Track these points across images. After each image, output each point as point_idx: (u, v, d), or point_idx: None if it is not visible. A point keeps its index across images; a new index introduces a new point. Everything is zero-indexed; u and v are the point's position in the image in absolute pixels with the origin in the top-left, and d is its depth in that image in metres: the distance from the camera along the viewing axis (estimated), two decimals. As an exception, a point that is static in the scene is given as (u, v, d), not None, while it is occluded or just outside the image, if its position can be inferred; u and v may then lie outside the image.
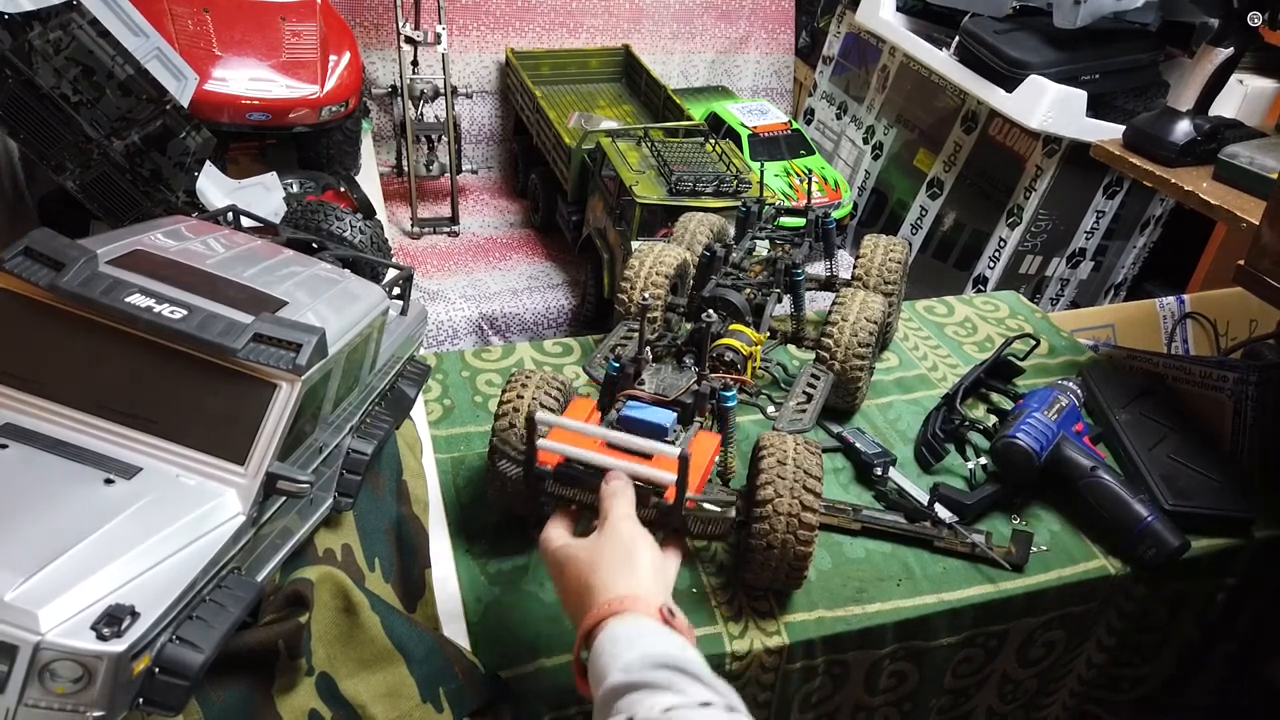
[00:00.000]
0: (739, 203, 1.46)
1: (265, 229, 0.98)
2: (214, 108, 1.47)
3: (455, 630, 0.90)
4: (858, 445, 1.20)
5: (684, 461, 0.74)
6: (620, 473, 0.77)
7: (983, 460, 1.20)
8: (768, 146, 2.49)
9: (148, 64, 1.08)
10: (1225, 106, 1.85)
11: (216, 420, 0.67)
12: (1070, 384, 1.30)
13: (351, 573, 0.79)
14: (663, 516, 0.79)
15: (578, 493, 0.80)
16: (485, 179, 2.72)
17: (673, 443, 0.91)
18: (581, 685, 0.66)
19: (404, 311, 0.98)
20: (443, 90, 2.30)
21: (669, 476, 0.77)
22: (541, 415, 0.77)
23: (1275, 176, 1.42)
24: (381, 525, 0.90)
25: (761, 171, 1.67)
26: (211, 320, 0.66)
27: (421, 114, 2.34)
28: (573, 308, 2.24)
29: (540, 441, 0.77)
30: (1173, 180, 1.55)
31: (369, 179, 1.80)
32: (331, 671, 0.74)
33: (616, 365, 0.99)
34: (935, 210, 2.45)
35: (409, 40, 2.23)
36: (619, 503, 0.75)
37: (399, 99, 2.38)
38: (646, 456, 0.80)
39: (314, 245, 0.99)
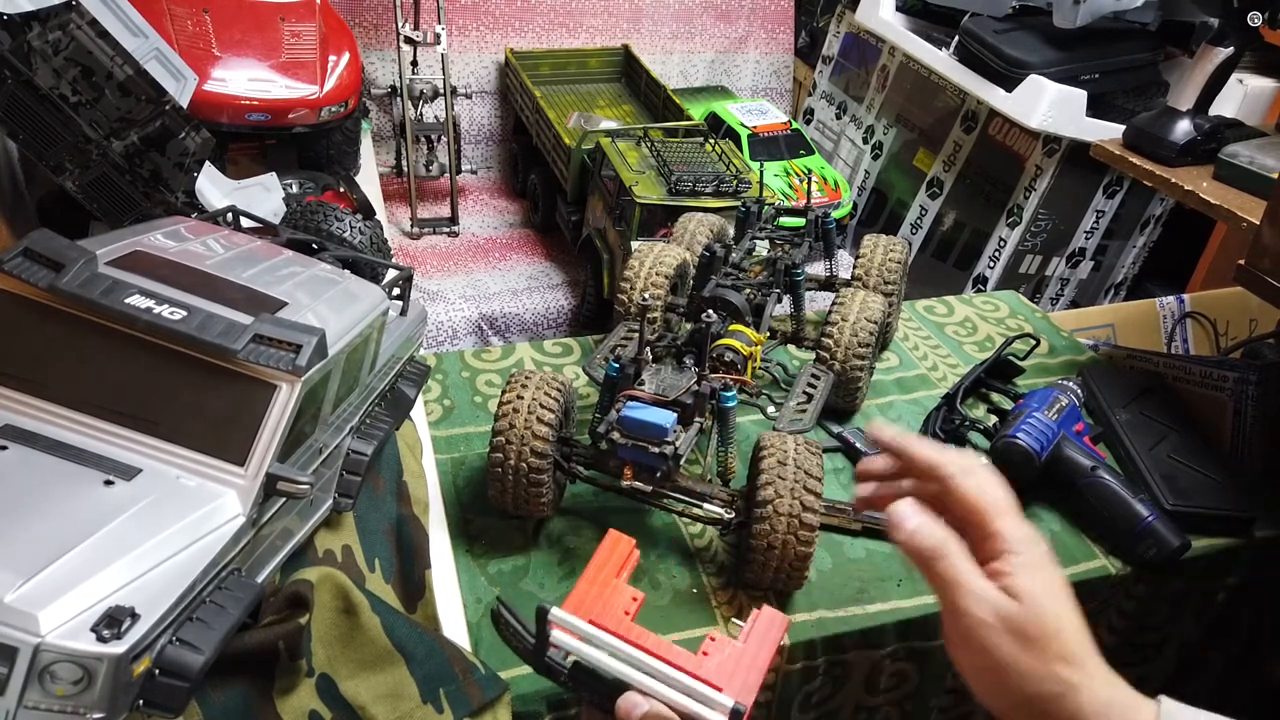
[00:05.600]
0: (739, 203, 1.46)
1: (265, 229, 0.98)
2: (213, 108, 1.47)
3: (455, 630, 0.90)
4: (858, 445, 1.20)
5: (735, 717, 0.57)
6: (641, 701, 0.57)
7: (983, 460, 1.20)
8: (767, 146, 2.49)
9: (147, 64, 1.08)
10: (1225, 106, 1.85)
11: (216, 421, 0.66)
12: (1070, 384, 1.30)
13: (352, 574, 0.79)
14: None
15: (601, 700, 0.60)
16: (485, 179, 2.72)
17: (673, 444, 0.91)
18: None
19: (404, 312, 0.98)
20: (442, 90, 2.30)
21: (712, 716, 0.57)
22: (557, 614, 0.59)
23: (1275, 176, 1.41)
24: (381, 526, 0.90)
25: (761, 171, 1.67)
26: (211, 321, 0.66)
27: (421, 114, 2.34)
28: (573, 308, 2.24)
29: (556, 636, 0.59)
30: (1173, 180, 1.55)
31: (369, 179, 1.80)
32: (332, 672, 0.74)
33: (616, 365, 0.99)
34: (935, 210, 2.45)
35: (408, 40, 2.23)
36: None
37: (399, 99, 2.38)
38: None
39: (314, 246, 0.99)
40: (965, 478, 0.60)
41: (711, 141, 2.09)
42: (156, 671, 0.56)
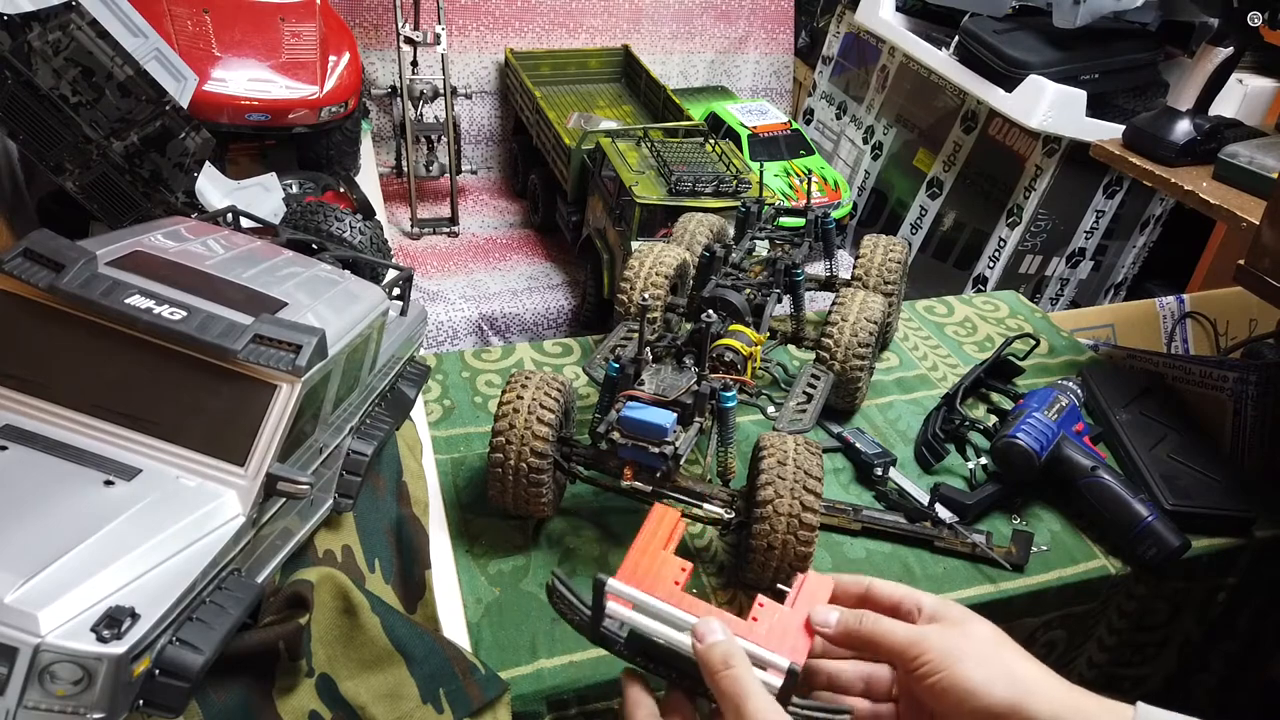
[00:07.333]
0: (739, 203, 1.46)
1: (265, 230, 0.98)
2: (213, 108, 1.47)
3: (455, 630, 0.90)
4: (858, 445, 1.20)
5: (792, 677, 0.57)
6: (721, 627, 0.58)
7: (983, 460, 1.20)
8: (767, 146, 2.49)
9: (147, 65, 1.08)
10: (1225, 106, 1.85)
11: (216, 421, 0.66)
12: (1070, 384, 1.30)
13: (352, 574, 0.79)
14: None
15: (658, 667, 0.61)
16: (485, 179, 2.72)
17: (673, 444, 0.91)
18: None
19: (404, 312, 0.98)
20: (442, 91, 2.30)
21: (768, 678, 0.57)
22: (614, 584, 0.60)
23: (1275, 176, 1.41)
24: (381, 526, 0.90)
25: (761, 171, 1.67)
26: (211, 321, 0.66)
27: (421, 114, 2.34)
28: (573, 308, 2.24)
29: (611, 607, 0.60)
30: (1173, 180, 1.55)
31: (369, 179, 1.80)
32: (332, 672, 0.74)
33: (616, 366, 0.99)
34: (935, 210, 2.45)
35: (408, 41, 2.23)
36: (748, 688, 0.54)
37: (399, 99, 2.39)
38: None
39: (314, 246, 0.99)
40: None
41: (711, 142, 2.09)
42: (156, 671, 0.56)
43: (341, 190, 1.56)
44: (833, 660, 0.64)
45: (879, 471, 1.17)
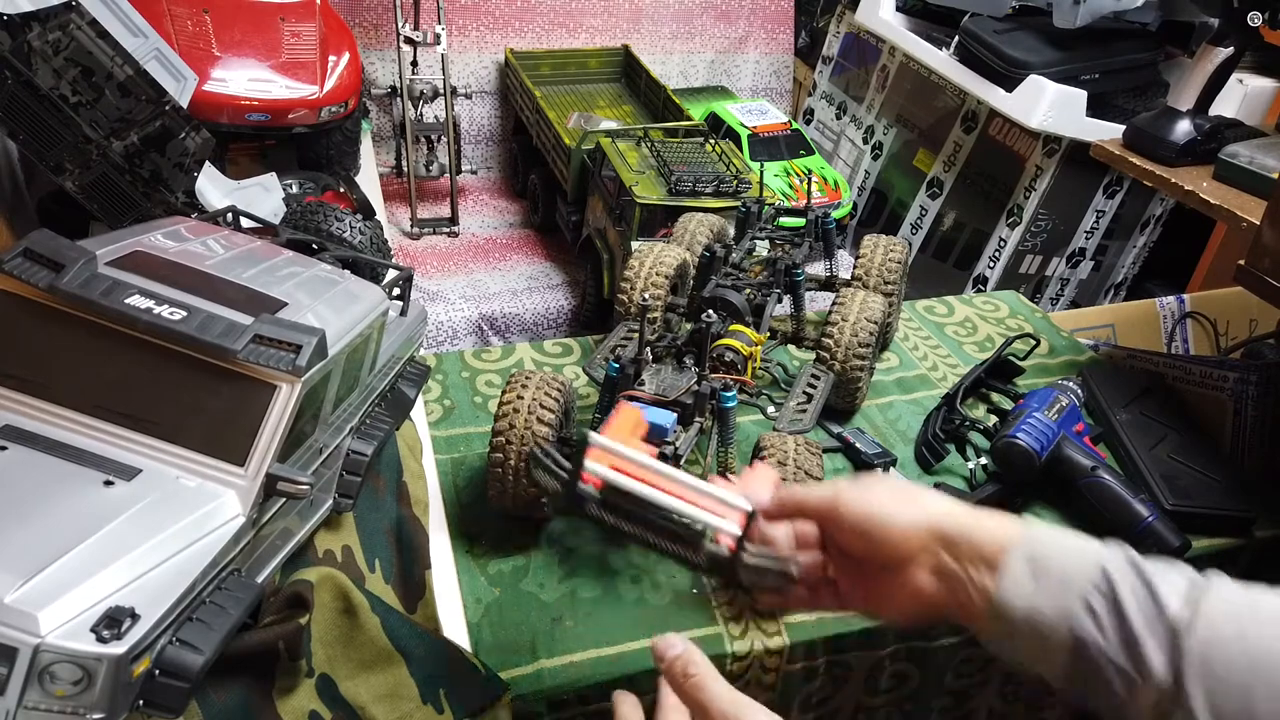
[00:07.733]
0: (739, 203, 1.46)
1: (265, 230, 0.98)
2: (213, 108, 1.47)
3: (455, 630, 0.90)
4: (858, 445, 1.20)
5: (752, 518, 0.65)
6: (678, 642, 0.59)
7: (983, 460, 1.20)
8: (767, 146, 2.49)
9: (147, 65, 1.08)
10: (1225, 106, 1.85)
11: (216, 421, 0.66)
12: (1070, 384, 1.30)
13: (352, 574, 0.79)
14: (713, 565, 0.67)
15: (629, 526, 0.67)
16: (485, 179, 2.72)
17: (673, 444, 0.91)
18: None
19: (404, 312, 0.98)
20: (442, 91, 2.30)
21: (729, 526, 0.65)
22: (597, 438, 0.66)
23: (1275, 176, 1.42)
24: (381, 526, 0.90)
25: (761, 171, 1.67)
26: (211, 321, 0.66)
27: (421, 114, 2.34)
28: (573, 308, 2.24)
29: (589, 464, 0.65)
30: (1173, 180, 1.55)
31: (368, 179, 1.80)
32: (331, 673, 0.74)
33: (616, 366, 0.99)
34: (935, 210, 2.45)
35: (408, 40, 2.23)
36: (711, 691, 0.56)
37: (399, 99, 2.38)
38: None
39: (313, 246, 0.99)
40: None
41: (711, 141, 2.09)
42: (156, 672, 0.56)
43: (341, 190, 1.56)
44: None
45: (879, 471, 1.17)
